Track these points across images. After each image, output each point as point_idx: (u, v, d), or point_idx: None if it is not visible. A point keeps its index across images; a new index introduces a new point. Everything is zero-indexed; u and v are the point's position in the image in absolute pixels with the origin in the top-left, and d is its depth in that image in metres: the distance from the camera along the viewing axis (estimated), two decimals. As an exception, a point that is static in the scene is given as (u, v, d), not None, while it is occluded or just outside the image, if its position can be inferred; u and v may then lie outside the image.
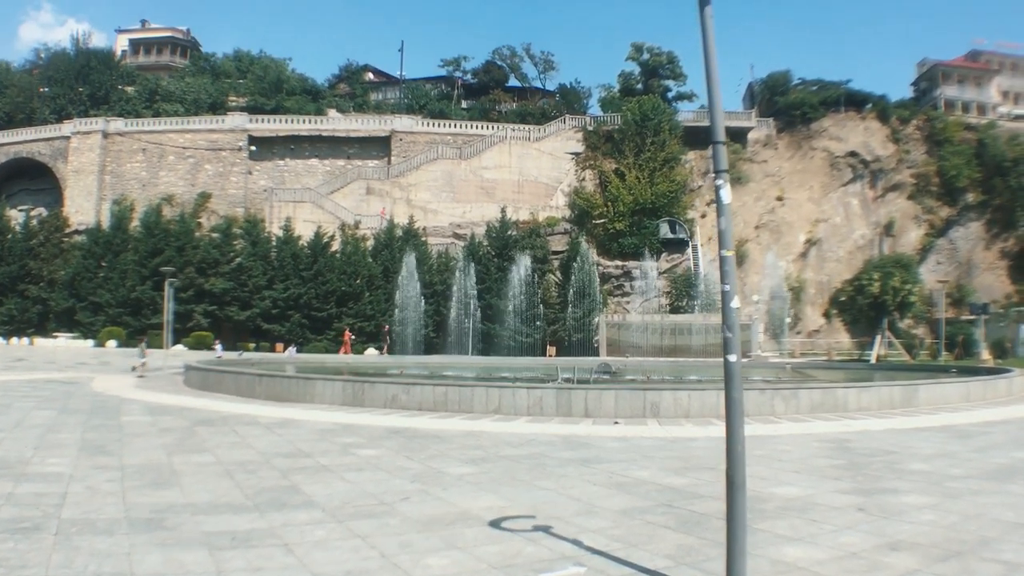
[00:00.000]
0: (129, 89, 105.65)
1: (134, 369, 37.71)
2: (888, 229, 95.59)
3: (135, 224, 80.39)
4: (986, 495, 10.53)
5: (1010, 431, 18.49)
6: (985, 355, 60.50)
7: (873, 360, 66.04)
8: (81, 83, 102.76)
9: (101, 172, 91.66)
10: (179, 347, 64.81)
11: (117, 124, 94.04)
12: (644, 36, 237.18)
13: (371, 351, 70.05)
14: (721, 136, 6.95)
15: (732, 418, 6.33)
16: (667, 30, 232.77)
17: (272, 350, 69.46)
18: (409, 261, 73.25)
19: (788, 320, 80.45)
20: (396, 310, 72.28)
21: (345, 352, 67.74)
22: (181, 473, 11.61)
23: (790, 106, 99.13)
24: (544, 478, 11.49)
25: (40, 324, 77.42)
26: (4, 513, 8.72)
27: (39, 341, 71.88)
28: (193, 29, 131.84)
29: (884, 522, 8.86)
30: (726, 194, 6.82)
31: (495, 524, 8.58)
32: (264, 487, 10.56)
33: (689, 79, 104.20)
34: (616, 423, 18.84)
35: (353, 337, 70.82)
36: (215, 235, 78.78)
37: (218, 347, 63.44)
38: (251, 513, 9.03)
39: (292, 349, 65.46)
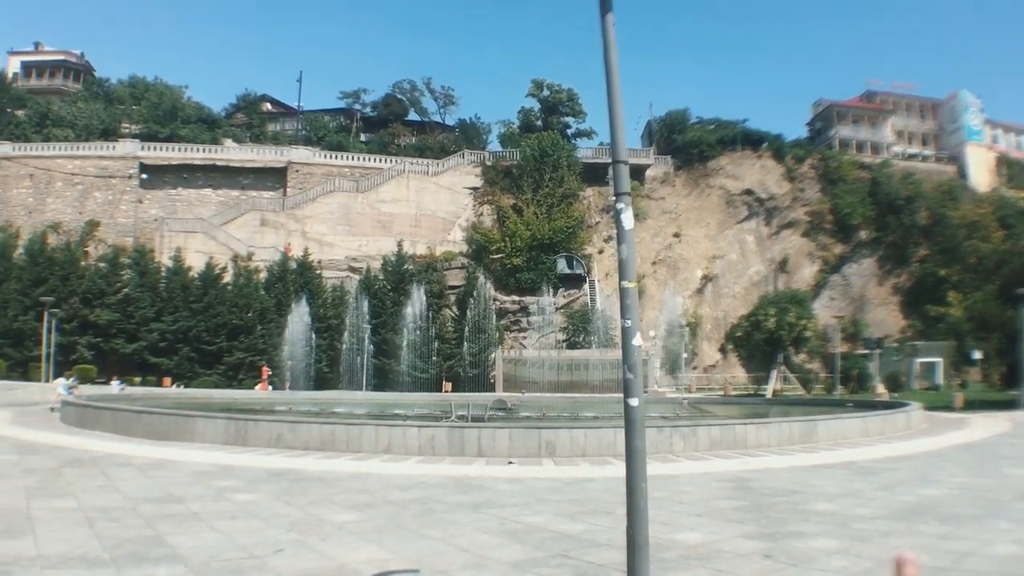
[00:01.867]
0: (19, 112, 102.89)
1: (53, 410, 34.62)
2: (783, 265, 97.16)
3: (19, 252, 77.77)
4: (897, 536, 10.20)
5: (915, 466, 18.44)
6: (880, 389, 61.67)
7: (769, 395, 66.78)
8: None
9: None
10: (60, 380, 62.69)
11: (4, 148, 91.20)
12: (545, 74, 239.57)
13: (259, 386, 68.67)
14: (623, 156, 6.40)
15: (633, 471, 5.74)
16: (568, 69, 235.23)
17: (159, 384, 67.56)
18: (301, 295, 72.12)
19: (685, 355, 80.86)
20: (286, 345, 70.91)
21: (263, 389, 65.94)
22: (37, 520, 10.76)
23: (688, 144, 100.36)
24: (432, 526, 10.83)
25: (-84, 355, 74.41)
26: None
27: (-87, 373, 69.07)
28: (88, 53, 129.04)
29: (793, 570, 8.45)
30: (628, 219, 6.26)
31: (374, 581, 7.89)
32: (125, 537, 9.75)
33: (588, 116, 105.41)
34: (510, 463, 18.35)
35: (270, 372, 69.12)
36: (102, 265, 76.54)
37: (116, 382, 60.62)
38: (106, 568, 8.27)
39: (116, 383, 60.56)
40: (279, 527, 10.60)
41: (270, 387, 66.64)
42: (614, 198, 6.44)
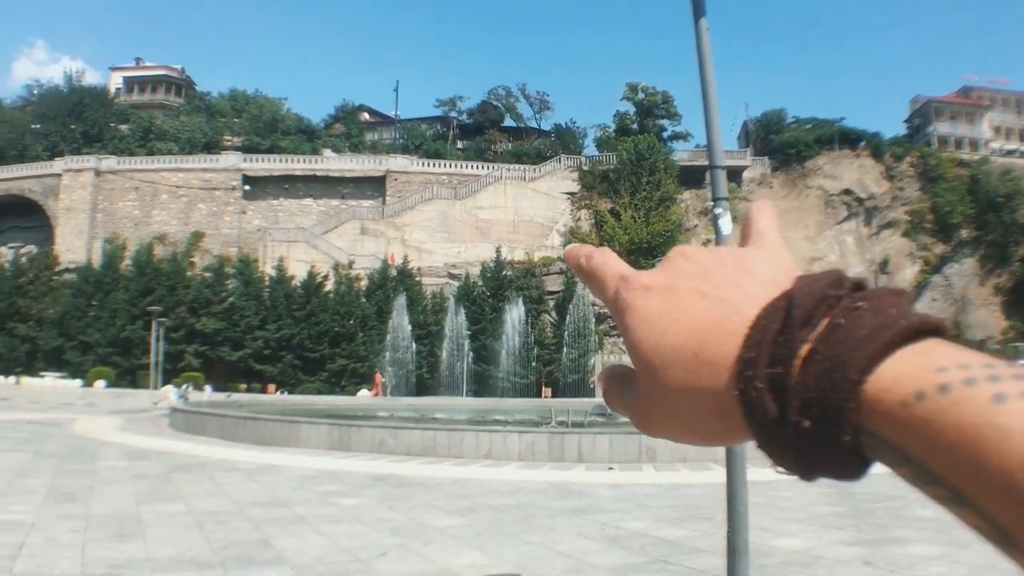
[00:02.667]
0: (123, 127, 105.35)
1: (156, 403, 36.47)
2: (883, 266, 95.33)
3: (126, 263, 79.75)
4: (996, 544, 9.95)
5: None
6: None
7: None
8: (74, 120, 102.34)
9: (93, 210, 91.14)
10: (169, 387, 64.17)
11: (110, 162, 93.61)
12: (639, 77, 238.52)
13: (363, 392, 69.31)
14: (720, 161, 6.37)
15: (734, 476, 5.73)
16: (661, 70, 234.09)
17: (264, 391, 68.74)
18: (402, 301, 72.77)
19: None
20: (387, 351, 71.57)
21: (376, 394, 66.68)
22: (148, 524, 11.01)
23: (785, 144, 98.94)
24: (532, 531, 10.87)
25: (28, 363, 76.77)
26: (-53, 568, 8.13)
27: (26, 380, 71.25)
28: (188, 68, 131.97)
29: (893, 577, 8.32)
30: (726, 224, 6.20)
31: (475, 584, 7.98)
32: (233, 540, 9.95)
33: (684, 119, 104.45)
34: (611, 468, 18.30)
35: (383, 379, 69.87)
36: (207, 275, 78.20)
37: (208, 388, 62.01)
38: (215, 571, 8.44)
39: (209, 389, 61.20)
40: (382, 531, 10.72)
41: (383, 393, 67.41)
42: (712, 203, 6.40)
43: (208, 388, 61.30)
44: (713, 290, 0.61)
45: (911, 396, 0.46)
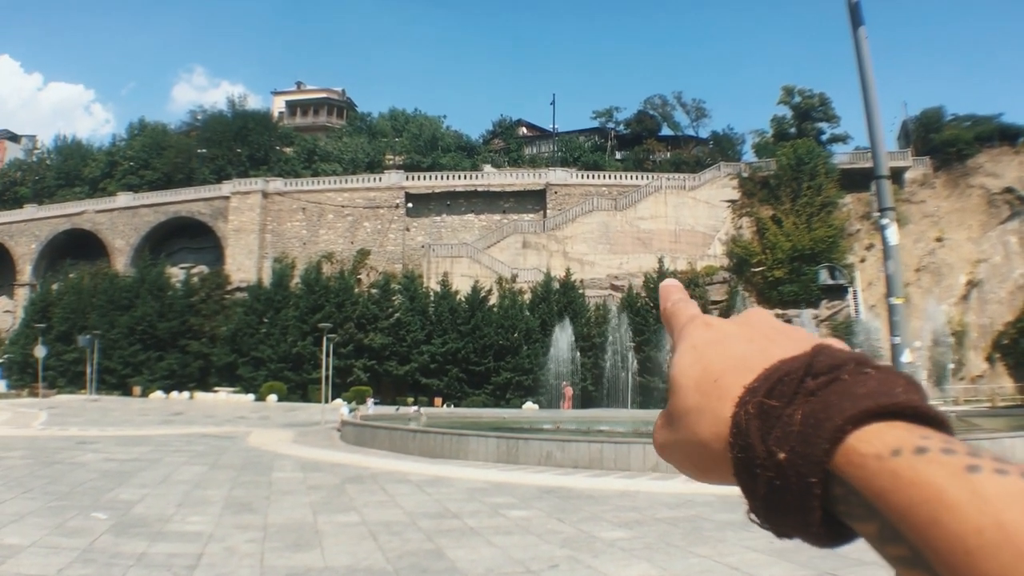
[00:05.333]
0: (288, 150, 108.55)
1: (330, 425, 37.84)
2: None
3: (296, 281, 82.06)
4: None
5: None
6: None
7: (1037, 406, 63.06)
8: (240, 144, 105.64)
9: (261, 231, 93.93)
10: (338, 400, 65.45)
11: (276, 184, 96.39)
12: (795, 79, 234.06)
13: (528, 405, 69.59)
14: (884, 170, 6.33)
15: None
16: (817, 72, 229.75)
17: (431, 404, 69.64)
18: (565, 315, 73.02)
19: (951, 366, 77.12)
20: (551, 364, 71.82)
21: (567, 407, 66.94)
22: (324, 534, 11.37)
23: (945, 143, 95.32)
24: (701, 543, 10.84)
25: (201, 378, 79.60)
26: (132, 575, 8.52)
27: (199, 395, 74.04)
28: (348, 90, 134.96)
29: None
30: (892, 234, 6.16)
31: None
32: (407, 551, 10.19)
33: (843, 120, 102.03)
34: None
35: (572, 392, 70.15)
36: (374, 291, 79.82)
37: (370, 400, 62.77)
38: (389, 580, 8.67)
39: (370, 402, 61.29)
40: (552, 543, 10.83)
41: (572, 405, 67.63)
42: (877, 213, 6.34)
43: (370, 401, 62.02)
44: (757, 337, 0.65)
45: (887, 451, 0.49)
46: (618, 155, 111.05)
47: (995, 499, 0.42)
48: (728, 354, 0.62)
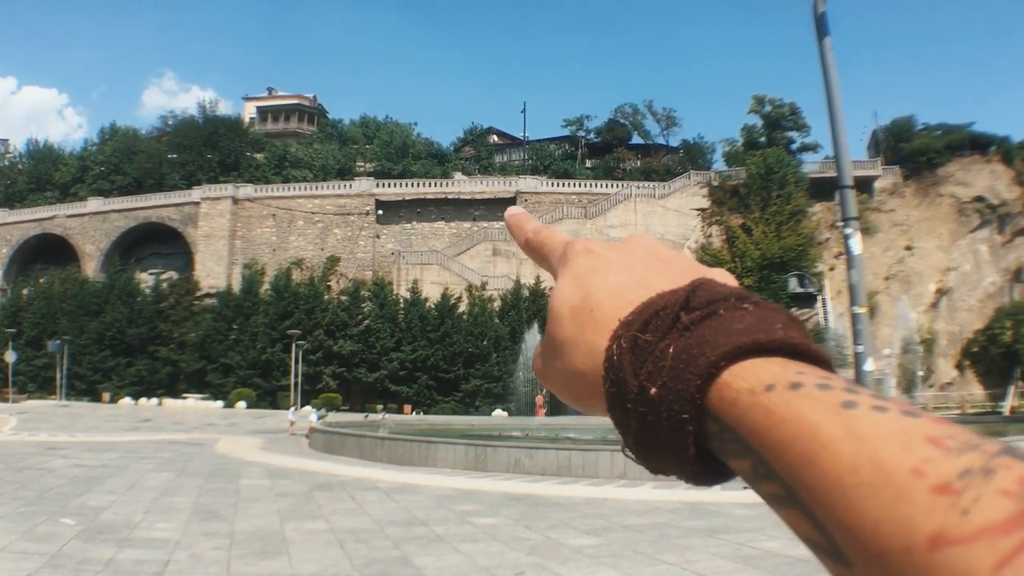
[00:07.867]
0: (258, 156, 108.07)
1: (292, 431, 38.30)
2: (1018, 275, 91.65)
3: (265, 288, 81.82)
4: None
5: None
6: None
7: (1007, 412, 63.64)
8: (210, 149, 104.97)
9: (231, 237, 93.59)
10: (307, 408, 65.23)
11: (247, 190, 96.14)
12: (766, 88, 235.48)
13: (498, 412, 69.56)
14: (848, 180, 6.41)
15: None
16: (788, 82, 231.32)
17: (400, 411, 69.59)
18: (534, 322, 72.93)
19: (920, 373, 77.68)
20: (520, 371, 71.81)
21: (541, 415, 66.85)
22: (291, 541, 11.35)
23: (915, 152, 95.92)
24: (668, 551, 10.89)
25: (170, 385, 79.37)
26: (99, 583, 8.50)
27: (168, 402, 73.71)
28: (319, 96, 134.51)
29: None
30: (856, 244, 6.24)
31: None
32: (374, 558, 10.20)
33: (813, 130, 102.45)
34: (746, 488, 18.04)
35: (543, 400, 70.05)
36: (343, 298, 79.74)
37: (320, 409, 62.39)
38: (356, 587, 8.67)
39: (316, 414, 58.67)
40: (519, 550, 10.85)
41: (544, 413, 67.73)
42: (842, 223, 6.42)
43: (312, 413, 61.03)
44: (638, 266, 0.64)
45: (761, 386, 0.48)
46: (588, 163, 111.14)
47: (872, 437, 0.41)
48: (606, 284, 0.60)
